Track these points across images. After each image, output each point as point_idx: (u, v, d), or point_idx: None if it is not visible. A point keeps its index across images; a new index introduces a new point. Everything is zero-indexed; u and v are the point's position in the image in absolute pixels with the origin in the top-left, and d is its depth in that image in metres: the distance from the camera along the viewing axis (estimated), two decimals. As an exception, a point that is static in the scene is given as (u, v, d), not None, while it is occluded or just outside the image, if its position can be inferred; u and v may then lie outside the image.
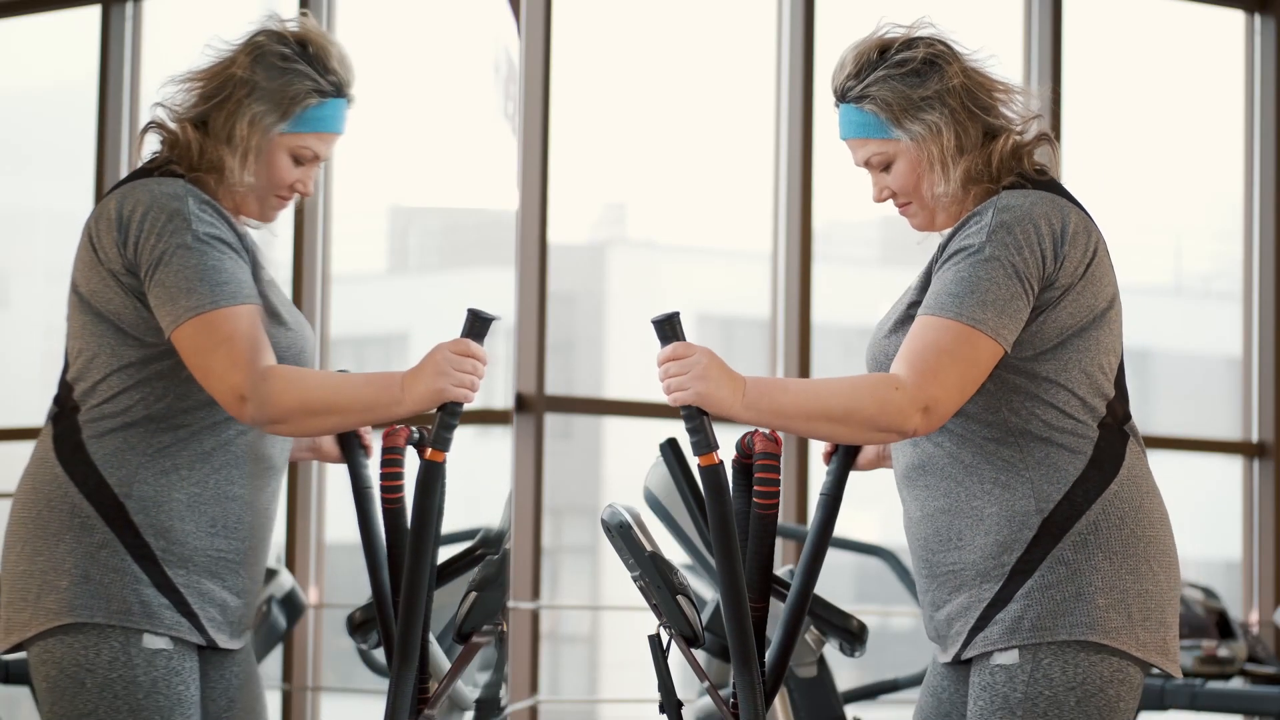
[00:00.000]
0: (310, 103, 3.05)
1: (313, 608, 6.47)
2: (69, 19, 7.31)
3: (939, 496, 2.92)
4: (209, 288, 2.90)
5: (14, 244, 7.93)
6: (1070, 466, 2.86)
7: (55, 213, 7.78)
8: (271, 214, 3.12)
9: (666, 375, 2.86)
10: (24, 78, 7.72)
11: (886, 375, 2.82)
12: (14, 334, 7.96)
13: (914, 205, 3.00)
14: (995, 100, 2.96)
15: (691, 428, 2.85)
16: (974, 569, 2.88)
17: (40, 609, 2.92)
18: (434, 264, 15.14)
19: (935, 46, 2.97)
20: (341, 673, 7.37)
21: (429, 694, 3.09)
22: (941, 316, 2.83)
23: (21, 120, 7.63)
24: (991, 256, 2.83)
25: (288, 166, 3.06)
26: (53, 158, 7.64)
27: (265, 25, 3.08)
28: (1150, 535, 2.88)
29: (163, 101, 3.06)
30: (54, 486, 2.95)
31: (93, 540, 2.92)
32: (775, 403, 2.83)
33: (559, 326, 14.80)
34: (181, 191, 2.96)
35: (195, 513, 2.95)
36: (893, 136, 2.96)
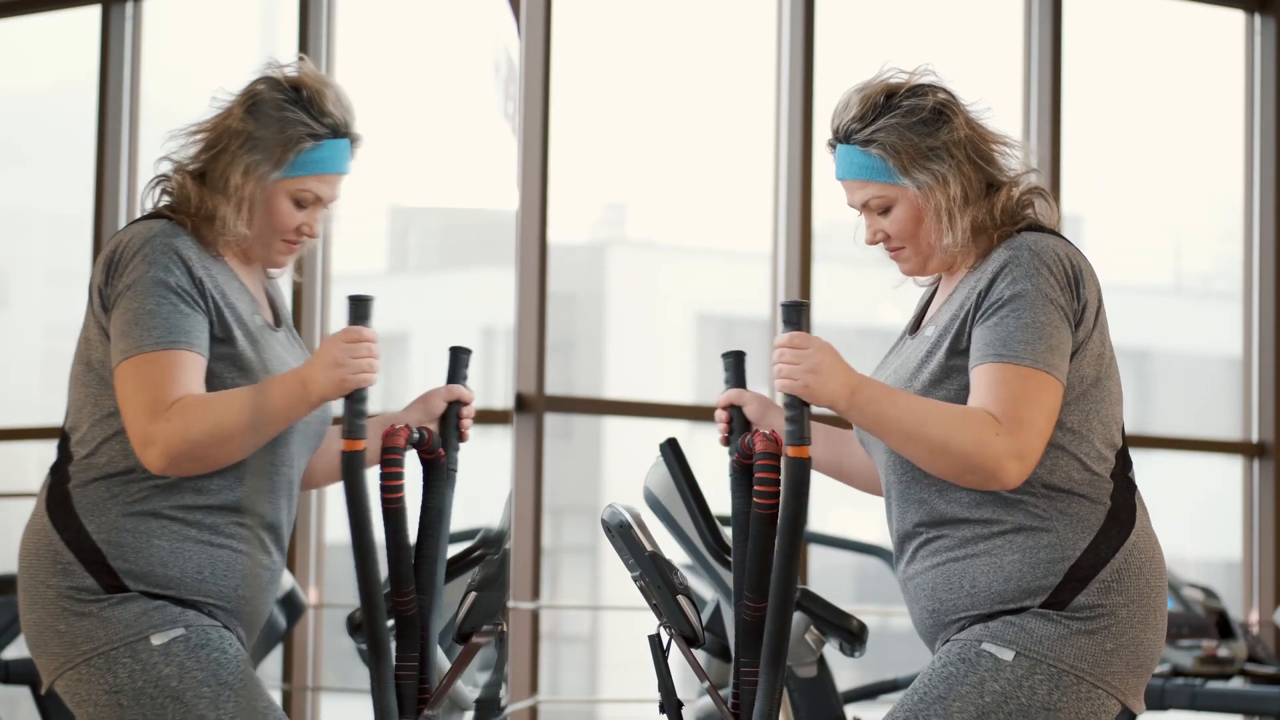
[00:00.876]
0: (304, 146, 3.05)
1: (313, 608, 6.47)
2: (69, 19, 7.31)
3: (953, 547, 2.91)
4: (141, 332, 2.91)
5: (14, 244, 7.93)
6: (1092, 517, 2.88)
7: (55, 213, 7.78)
8: (280, 259, 3.12)
9: (780, 360, 2.86)
10: (24, 78, 7.72)
11: (989, 417, 2.81)
12: (14, 334, 7.96)
13: (908, 250, 3.01)
14: (994, 152, 2.97)
15: (790, 416, 2.85)
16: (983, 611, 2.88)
17: (51, 655, 2.95)
18: (434, 264, 15.15)
19: (939, 93, 2.98)
20: (341, 673, 7.38)
21: (429, 694, 3.09)
22: (1017, 364, 2.83)
23: (21, 120, 7.63)
24: (1045, 299, 2.85)
25: (289, 212, 3.07)
26: (53, 158, 7.64)
27: (263, 74, 3.09)
28: (1159, 586, 2.91)
29: (168, 155, 3.08)
30: (40, 536, 2.98)
31: (74, 584, 2.93)
32: (879, 410, 2.84)
33: (559, 326, 14.81)
34: (152, 232, 2.98)
35: (180, 559, 2.96)
36: (897, 183, 2.96)
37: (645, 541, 3.03)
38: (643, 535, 3.04)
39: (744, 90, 7.85)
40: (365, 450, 2.93)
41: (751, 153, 7.19)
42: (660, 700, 3.04)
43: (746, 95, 7.66)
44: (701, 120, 11.08)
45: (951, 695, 2.85)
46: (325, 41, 6.68)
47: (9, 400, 7.58)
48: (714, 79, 9.95)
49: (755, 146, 7.04)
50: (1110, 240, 10.35)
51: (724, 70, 9.18)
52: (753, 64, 7.19)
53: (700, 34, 9.57)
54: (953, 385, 2.91)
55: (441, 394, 3.21)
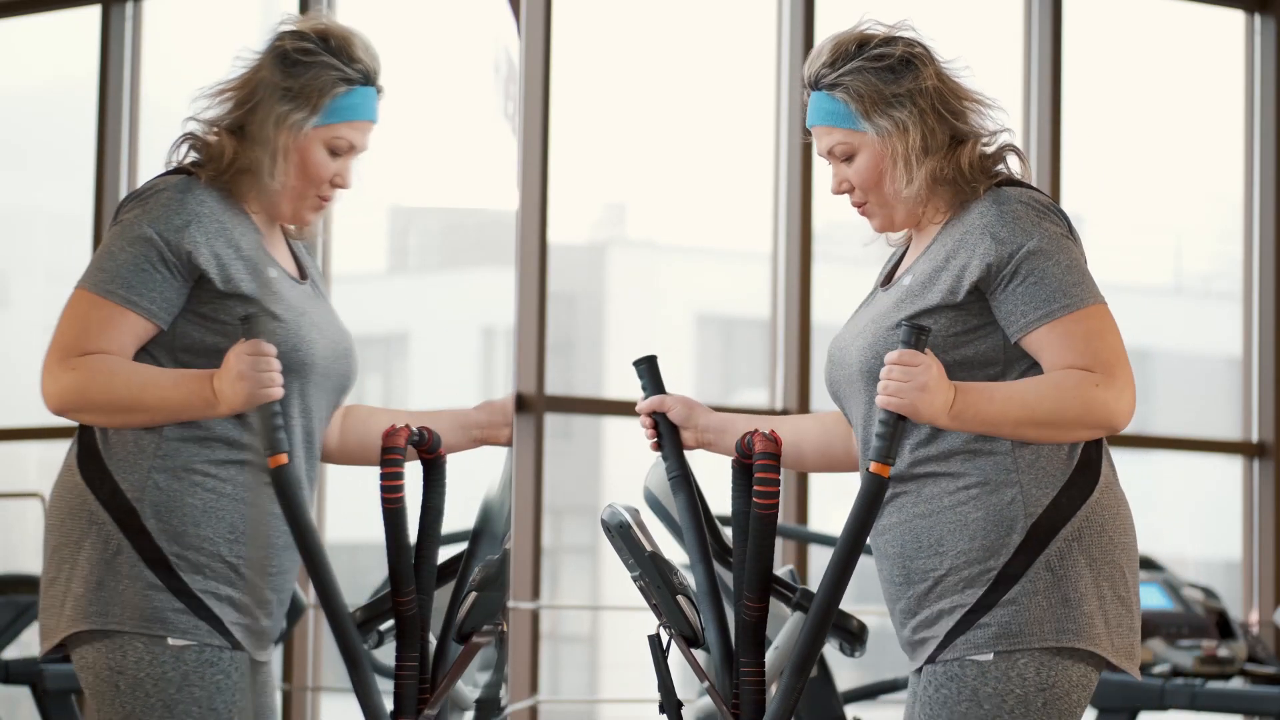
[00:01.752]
0: (338, 91, 3.05)
1: (313, 608, 6.47)
2: (69, 19, 7.31)
3: (920, 502, 2.90)
4: (96, 270, 2.94)
5: (14, 244, 7.93)
6: (1057, 470, 2.86)
7: (55, 213, 7.79)
8: (308, 216, 3.10)
9: (889, 376, 2.83)
10: (24, 78, 7.72)
11: (1081, 374, 2.81)
12: (14, 334, 7.97)
13: (871, 204, 3.00)
14: (966, 108, 2.96)
15: (883, 432, 2.83)
16: (955, 575, 2.87)
17: (63, 616, 2.94)
18: (434, 264, 15.14)
19: (914, 47, 2.97)
20: (341, 673, 7.37)
21: (429, 694, 3.09)
22: (1077, 309, 2.84)
23: (21, 120, 7.63)
24: (1060, 237, 2.87)
25: (325, 161, 3.06)
26: (53, 158, 7.64)
27: (286, 26, 3.07)
28: (1124, 542, 2.89)
29: (194, 115, 3.06)
30: (74, 494, 2.96)
31: (108, 547, 2.92)
32: (981, 413, 2.83)
33: (559, 326, 14.81)
34: (167, 185, 2.98)
35: (212, 519, 2.95)
36: (859, 128, 2.96)
37: (645, 541, 3.03)
38: (643, 535, 3.04)
39: (744, 90, 7.84)
40: (292, 464, 2.93)
41: (751, 153, 7.19)
42: (660, 700, 3.04)
43: (746, 95, 7.66)
44: (701, 120, 11.07)
45: (954, 717, 2.85)
46: (325, 41, 6.67)
47: (9, 400, 7.58)
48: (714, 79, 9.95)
49: (755, 146, 7.04)
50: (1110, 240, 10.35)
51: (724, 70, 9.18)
52: (753, 64, 7.19)
53: (700, 34, 9.56)
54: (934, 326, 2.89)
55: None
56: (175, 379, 2.93)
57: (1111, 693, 5.31)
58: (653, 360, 3.16)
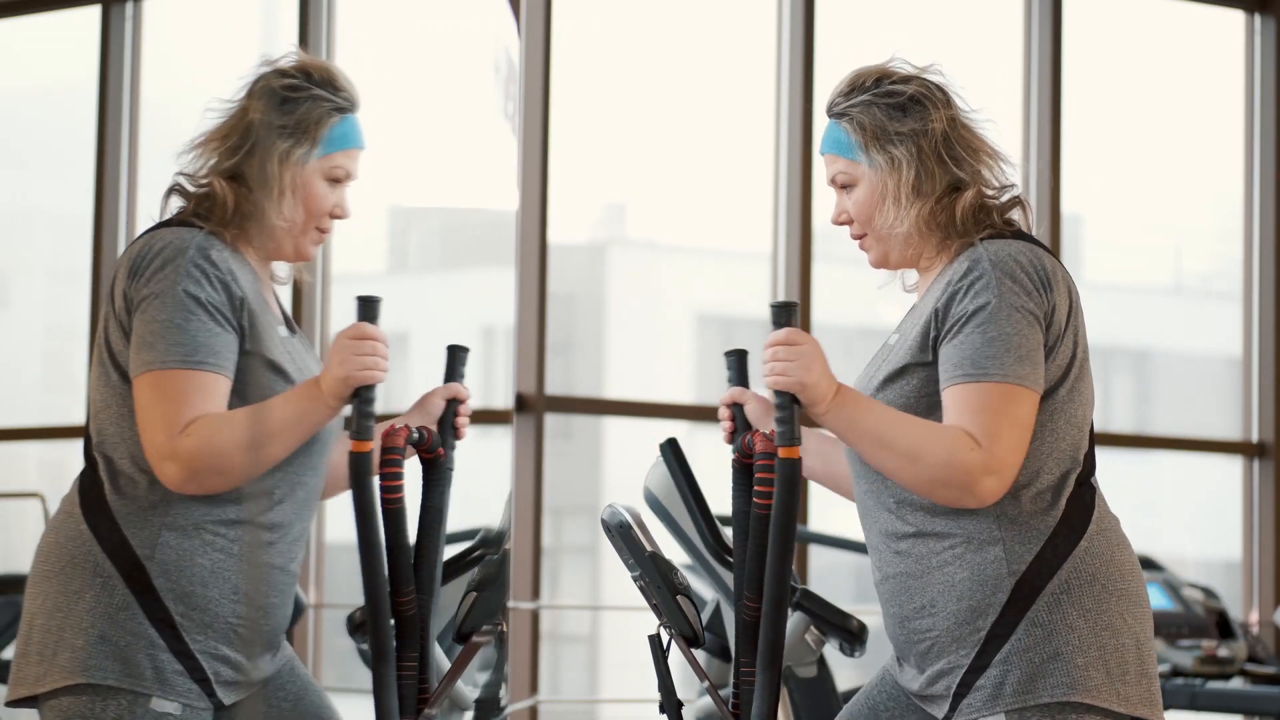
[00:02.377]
0: (333, 122, 3.07)
1: (313, 608, 6.47)
2: (69, 19, 7.31)
3: (906, 561, 2.90)
4: (166, 345, 2.89)
5: (14, 244, 7.93)
6: (1042, 524, 2.84)
7: (55, 213, 7.79)
8: (310, 250, 3.12)
9: (774, 358, 2.84)
10: (24, 78, 7.72)
11: (963, 432, 2.78)
12: (14, 334, 7.96)
13: (869, 238, 3.00)
14: (975, 158, 2.95)
15: (782, 416, 2.84)
16: (948, 635, 2.86)
17: (55, 666, 2.92)
18: (434, 264, 15.14)
19: (929, 88, 2.97)
20: (341, 673, 7.37)
21: (429, 694, 3.09)
22: (987, 381, 2.79)
23: (21, 120, 7.63)
24: (1010, 308, 2.81)
25: (325, 192, 3.08)
26: (53, 158, 7.64)
27: (263, 68, 3.09)
28: (1122, 588, 2.85)
29: (182, 170, 3.05)
30: (78, 542, 2.94)
31: (113, 601, 2.91)
32: (855, 418, 2.82)
33: (559, 326, 14.80)
34: (187, 243, 2.95)
35: (218, 579, 2.94)
36: (858, 160, 2.97)
37: (645, 541, 3.03)
38: (643, 535, 3.04)
39: (744, 90, 7.84)
40: (372, 452, 2.93)
41: (751, 153, 7.19)
42: (660, 700, 3.04)
43: (746, 95, 7.66)
44: (701, 120, 11.07)
45: None
46: (325, 41, 6.68)
47: (9, 400, 7.58)
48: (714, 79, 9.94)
49: (755, 146, 7.04)
50: (1110, 240, 10.35)
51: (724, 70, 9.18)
52: (753, 64, 7.19)
53: (700, 34, 9.56)
54: (905, 387, 2.89)
55: (439, 393, 3.21)
56: (283, 398, 2.93)
57: None
58: (743, 354, 3.16)
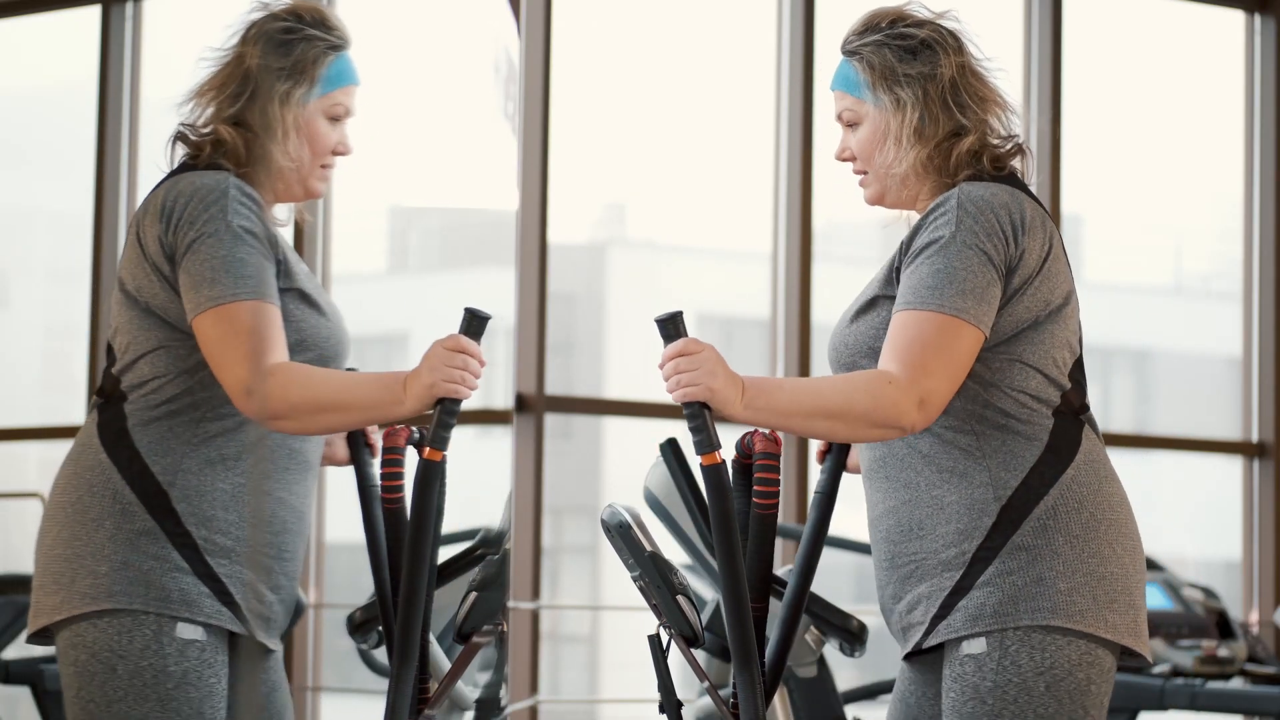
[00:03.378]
0: (329, 60, 3.11)
1: (313, 608, 6.47)
2: (69, 19, 7.31)
3: (900, 489, 2.92)
4: (232, 279, 2.92)
5: (14, 244, 7.93)
6: (1027, 453, 2.86)
7: (55, 213, 7.79)
8: (319, 186, 3.15)
9: (676, 371, 2.84)
10: (24, 78, 7.72)
11: (879, 371, 2.81)
12: (14, 334, 7.96)
13: (869, 175, 3.03)
14: (982, 106, 2.97)
15: (695, 426, 2.84)
16: (935, 558, 2.88)
17: (74, 593, 2.92)
18: (434, 264, 15.14)
19: (942, 34, 2.99)
20: (341, 673, 7.37)
21: (429, 694, 3.09)
22: (923, 310, 2.83)
23: (21, 120, 7.63)
24: (964, 244, 2.84)
25: (327, 130, 3.11)
26: (53, 158, 7.64)
27: (254, 13, 3.13)
28: (1110, 518, 2.87)
29: (184, 120, 3.08)
30: (96, 472, 2.95)
31: (134, 527, 2.92)
32: (772, 401, 2.82)
33: (559, 326, 14.80)
34: (224, 183, 2.98)
35: (238, 504, 2.96)
36: (864, 98, 2.99)
37: (645, 541, 3.03)
38: (643, 535, 3.04)
39: (744, 90, 7.84)
40: (444, 461, 2.94)
41: (751, 153, 7.18)
42: (660, 700, 3.04)
43: (746, 95, 7.66)
44: (701, 120, 11.07)
45: (965, 718, 2.84)
46: (325, 41, 6.68)
47: (9, 400, 7.58)
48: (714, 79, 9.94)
49: (755, 146, 7.04)
50: (1110, 240, 10.35)
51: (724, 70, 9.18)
52: (753, 64, 7.19)
53: (700, 34, 9.56)
54: (873, 320, 2.92)
55: None
56: (370, 378, 2.96)
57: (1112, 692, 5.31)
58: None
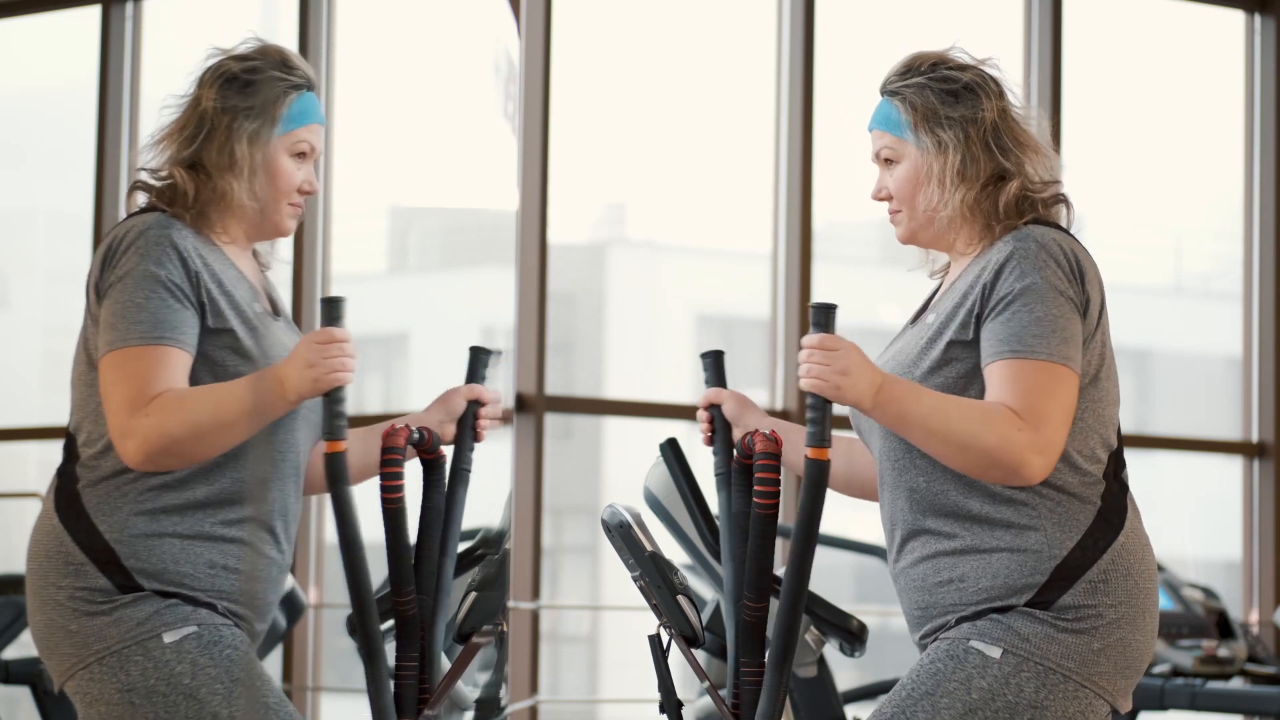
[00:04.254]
0: (291, 98, 3.10)
1: (313, 608, 6.47)
2: (69, 19, 7.32)
3: (943, 541, 2.92)
4: (127, 325, 2.93)
5: (14, 244, 7.93)
6: (1082, 516, 2.88)
7: (55, 213, 7.79)
8: (288, 224, 3.14)
9: (809, 359, 2.85)
10: (24, 78, 7.72)
11: (1010, 413, 2.82)
12: (14, 334, 7.97)
13: (903, 214, 3.04)
14: (1022, 151, 2.98)
15: (813, 418, 2.84)
16: (971, 609, 2.89)
17: (62, 655, 2.96)
18: (434, 264, 15.14)
19: (984, 79, 3.01)
20: (341, 673, 7.38)
21: (429, 694, 3.09)
22: (1034, 359, 2.84)
23: (21, 120, 7.63)
24: (1055, 291, 2.86)
25: (292, 169, 3.10)
26: (53, 158, 7.64)
27: (210, 59, 3.12)
28: (1148, 588, 2.91)
29: (143, 166, 3.08)
30: (51, 537, 2.98)
31: (87, 585, 2.94)
32: (903, 409, 2.85)
33: (559, 326, 14.80)
34: (149, 224, 2.99)
35: (191, 555, 2.96)
36: (905, 139, 3.01)
37: (645, 541, 3.03)
38: (643, 535, 3.04)
39: (744, 90, 7.84)
40: (347, 451, 2.93)
41: (751, 153, 7.18)
42: (660, 700, 3.04)
43: (746, 95, 7.66)
44: (701, 120, 11.07)
45: (939, 691, 2.85)
46: (325, 41, 6.68)
47: (9, 400, 7.58)
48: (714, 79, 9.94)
49: (755, 146, 7.04)
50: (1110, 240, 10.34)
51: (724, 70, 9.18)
52: (753, 64, 7.19)
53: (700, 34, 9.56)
54: (950, 373, 2.92)
55: (462, 393, 3.22)
56: (243, 385, 2.94)
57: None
58: (719, 355, 3.17)
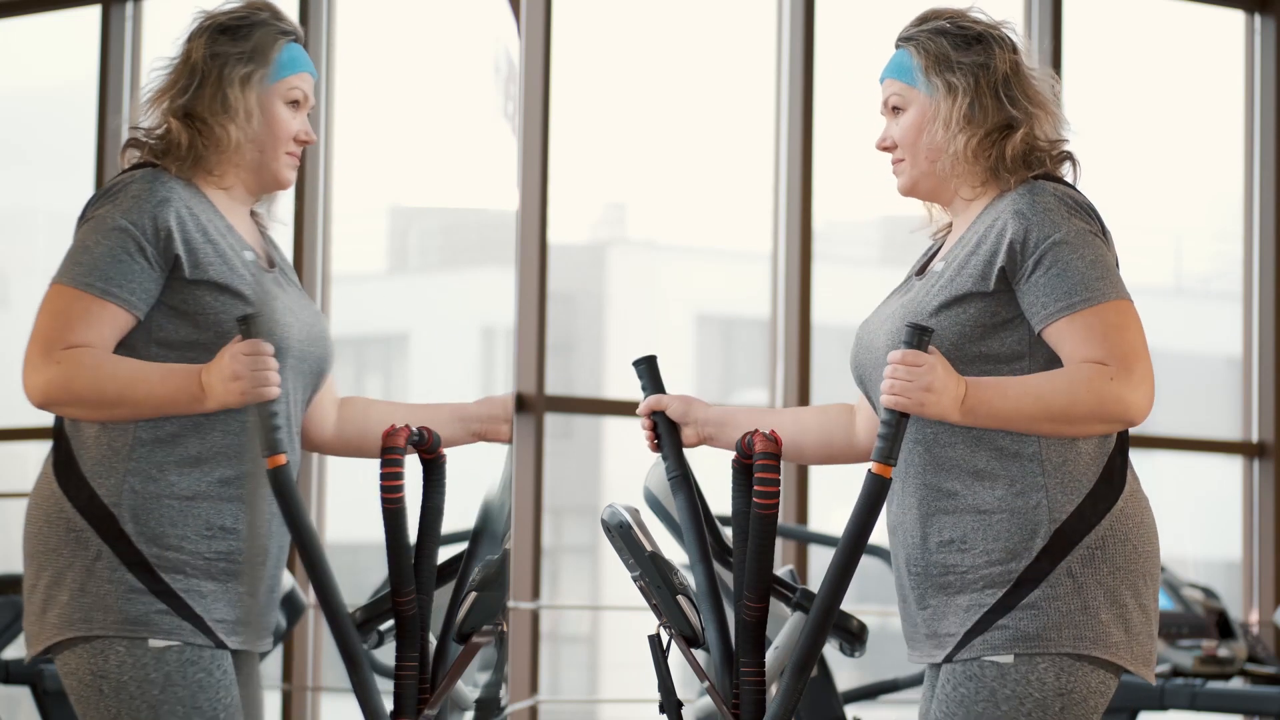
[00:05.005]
0: (282, 44, 3.09)
1: (313, 608, 6.47)
2: (69, 19, 7.31)
3: (944, 498, 2.91)
4: (71, 265, 2.95)
5: (14, 244, 7.93)
6: (1085, 478, 2.87)
7: (55, 213, 7.78)
8: (287, 173, 3.12)
9: (893, 375, 2.83)
10: (24, 78, 7.72)
11: (1092, 366, 2.81)
12: (14, 334, 7.96)
13: (905, 161, 3.02)
14: (1031, 103, 2.98)
15: (885, 433, 2.82)
16: (975, 573, 2.88)
17: (46, 623, 2.96)
18: (434, 264, 15.14)
19: (1001, 33, 3.01)
20: (341, 673, 7.37)
21: (429, 694, 3.09)
22: (1094, 305, 2.84)
23: (21, 120, 7.63)
24: (1089, 234, 2.87)
25: (287, 116, 3.09)
26: (53, 158, 7.64)
27: (197, 18, 3.10)
28: (1148, 551, 2.90)
29: (136, 124, 3.08)
30: (51, 502, 2.98)
31: (88, 553, 2.94)
32: (993, 409, 2.84)
33: (559, 326, 14.80)
34: (133, 178, 2.99)
35: (187, 517, 2.96)
36: (914, 84, 3.00)
37: (645, 541, 3.03)
38: (643, 535, 3.04)
39: (744, 90, 7.84)
40: (289, 464, 2.92)
41: (751, 153, 7.18)
42: (660, 700, 3.04)
43: (746, 95, 7.66)
44: (701, 120, 11.07)
45: (971, 715, 2.85)
46: (325, 41, 6.68)
47: (9, 400, 7.57)
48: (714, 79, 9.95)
49: (755, 147, 7.03)
50: (1110, 240, 10.32)
51: (724, 70, 9.18)
52: (753, 64, 7.19)
53: (700, 34, 9.56)
54: (964, 316, 2.90)
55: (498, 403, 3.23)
56: (163, 374, 2.93)
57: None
58: (652, 360, 3.16)
